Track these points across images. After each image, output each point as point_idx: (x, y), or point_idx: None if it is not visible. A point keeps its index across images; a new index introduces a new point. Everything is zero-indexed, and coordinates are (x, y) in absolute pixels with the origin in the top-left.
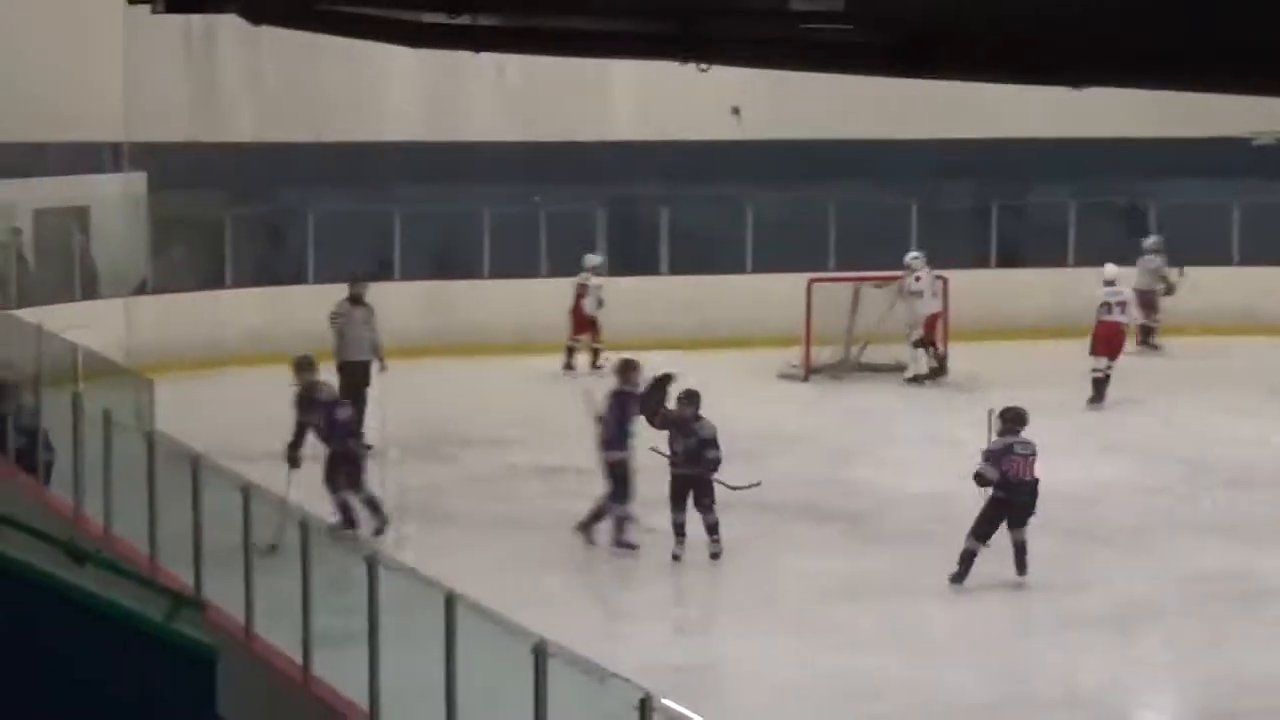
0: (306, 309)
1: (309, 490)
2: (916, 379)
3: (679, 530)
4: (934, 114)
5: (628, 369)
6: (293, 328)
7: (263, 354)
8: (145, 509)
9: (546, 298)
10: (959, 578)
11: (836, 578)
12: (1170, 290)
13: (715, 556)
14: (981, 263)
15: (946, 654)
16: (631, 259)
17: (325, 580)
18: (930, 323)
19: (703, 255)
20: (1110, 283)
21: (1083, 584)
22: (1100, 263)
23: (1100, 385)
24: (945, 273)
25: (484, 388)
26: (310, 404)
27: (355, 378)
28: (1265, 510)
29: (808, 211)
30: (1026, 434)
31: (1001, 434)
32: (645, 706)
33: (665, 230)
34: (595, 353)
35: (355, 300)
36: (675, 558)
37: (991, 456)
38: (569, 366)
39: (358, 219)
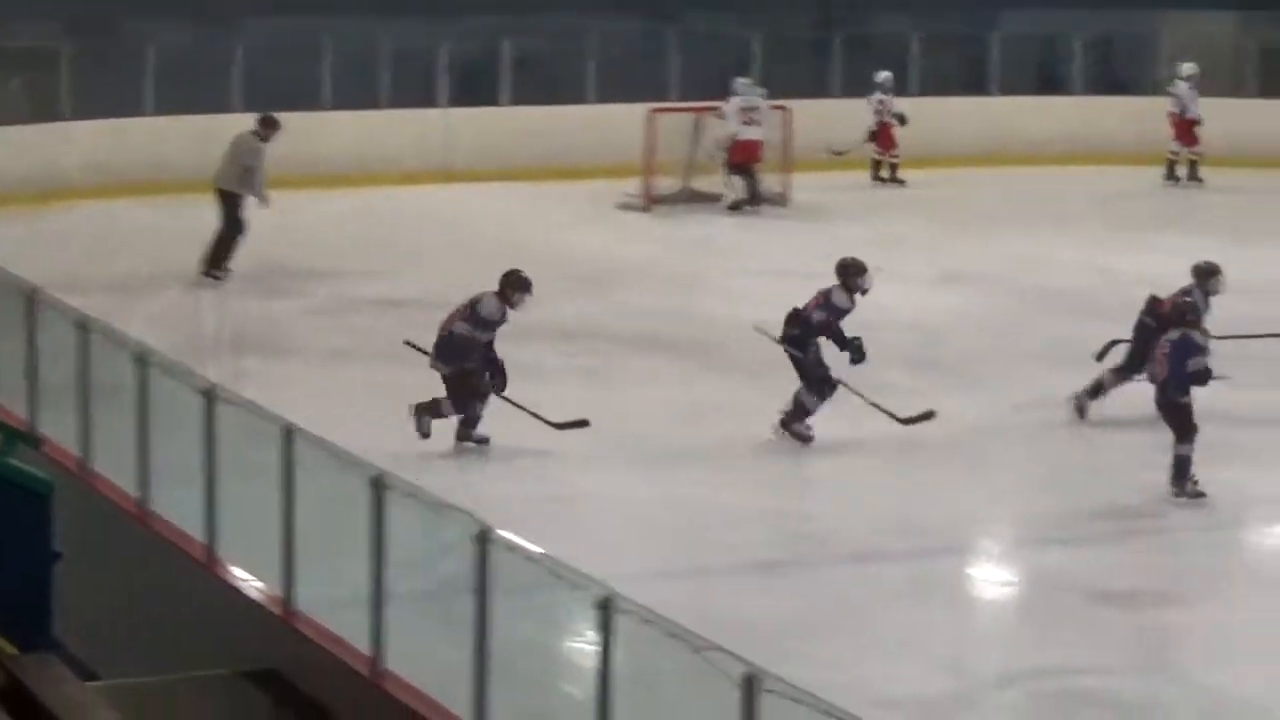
0: (146, 141)
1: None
2: (735, 206)
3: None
4: None
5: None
6: (131, 159)
7: (102, 186)
8: None
9: (387, 129)
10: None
11: (682, 407)
12: (903, 122)
13: None
14: (823, 93)
15: (795, 483)
16: (473, 90)
17: (164, 416)
18: (744, 149)
19: (544, 86)
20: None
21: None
22: (941, 93)
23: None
24: (787, 103)
25: (323, 220)
26: None
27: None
28: (1098, 340)
29: (649, 41)
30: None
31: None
32: (483, 538)
33: (506, 61)
34: None
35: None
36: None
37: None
38: None
39: (198, 51)
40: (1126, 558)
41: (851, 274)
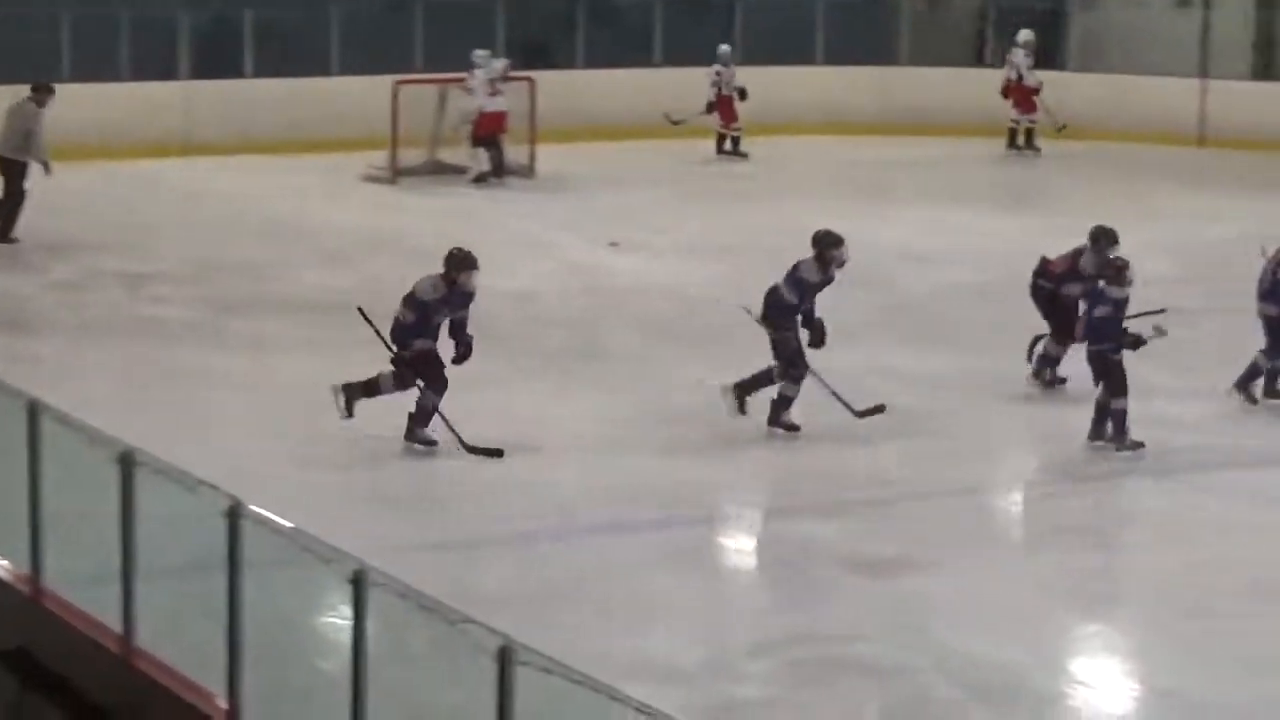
0: None
1: None
2: (480, 179)
3: None
4: None
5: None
6: None
7: None
8: None
9: (127, 102)
10: None
11: None
12: (743, 96)
13: None
14: (569, 63)
15: (545, 453)
16: (216, 62)
17: None
18: (489, 121)
19: (287, 58)
20: None
21: (669, 382)
22: (686, 64)
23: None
24: (532, 74)
25: (63, 193)
26: None
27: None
28: (848, 309)
29: (393, 13)
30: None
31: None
32: (234, 513)
33: (248, 32)
34: None
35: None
36: None
37: None
38: None
39: None
40: (880, 525)
41: (826, 245)
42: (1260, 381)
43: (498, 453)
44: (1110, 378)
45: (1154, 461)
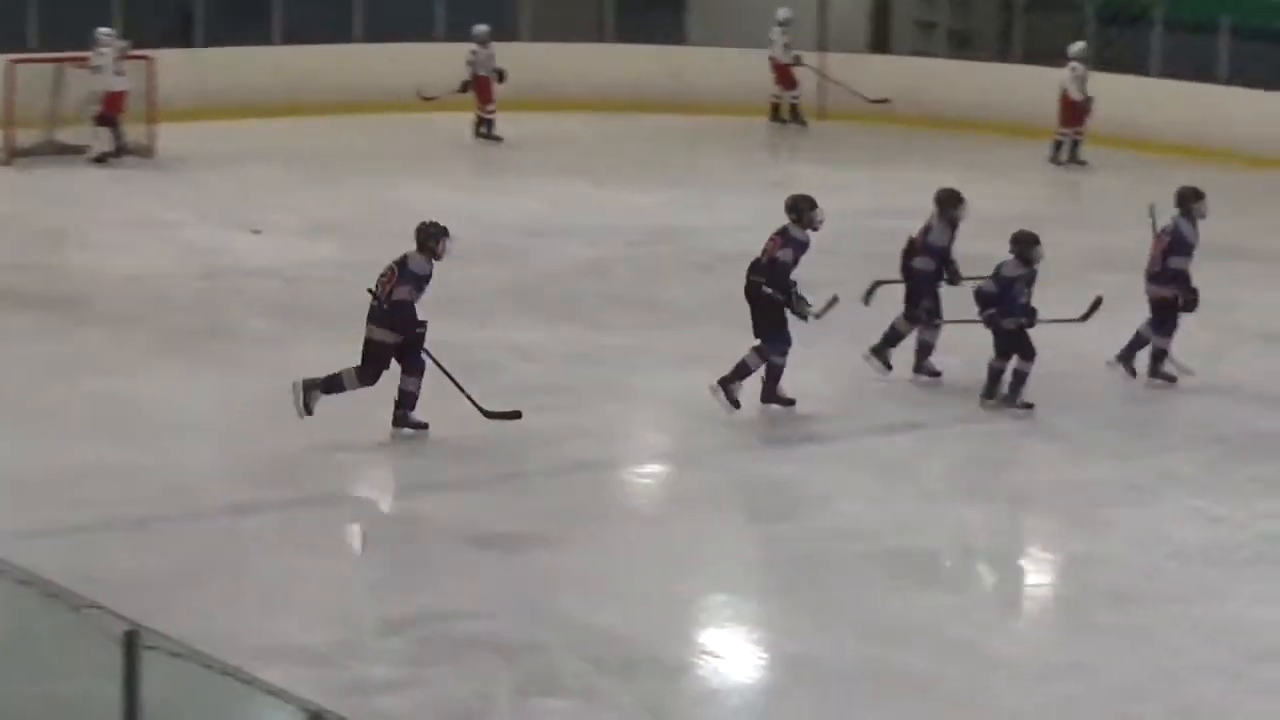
0: None
1: None
2: (101, 158)
3: None
4: None
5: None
6: None
7: None
8: None
9: None
10: None
11: (56, 362)
12: (501, 78)
13: None
14: (186, 42)
15: (167, 436)
16: None
17: None
18: (111, 100)
19: None
20: None
21: (296, 363)
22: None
23: None
24: (151, 52)
25: None
26: None
27: None
28: (475, 285)
29: None
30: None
31: None
32: None
33: None
34: None
35: None
36: None
37: None
38: None
39: None
40: (507, 501)
41: (804, 209)
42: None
43: (516, 414)
44: (1018, 345)
45: (776, 431)
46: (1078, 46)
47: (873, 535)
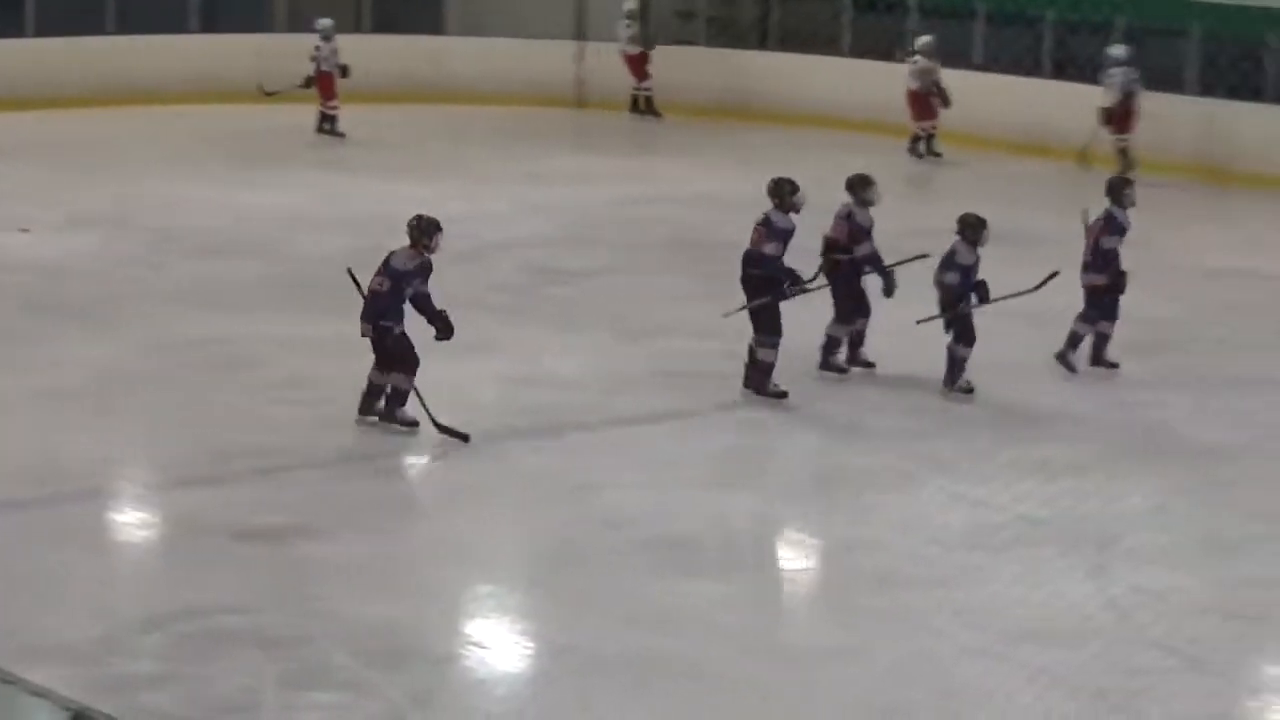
0: None
1: None
2: None
3: None
4: None
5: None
6: None
7: None
8: None
9: None
10: None
11: None
12: (345, 74)
13: None
14: (18, 34)
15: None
16: None
17: None
18: None
19: None
20: None
21: (56, 359)
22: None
23: None
24: None
25: None
26: None
27: None
28: (236, 278)
29: None
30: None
31: None
32: None
33: None
34: None
35: None
36: None
37: None
38: None
39: None
40: (270, 495)
41: (786, 193)
42: (1082, 350)
43: (464, 436)
44: (966, 329)
45: (540, 418)
46: (923, 40)
47: (639, 523)
